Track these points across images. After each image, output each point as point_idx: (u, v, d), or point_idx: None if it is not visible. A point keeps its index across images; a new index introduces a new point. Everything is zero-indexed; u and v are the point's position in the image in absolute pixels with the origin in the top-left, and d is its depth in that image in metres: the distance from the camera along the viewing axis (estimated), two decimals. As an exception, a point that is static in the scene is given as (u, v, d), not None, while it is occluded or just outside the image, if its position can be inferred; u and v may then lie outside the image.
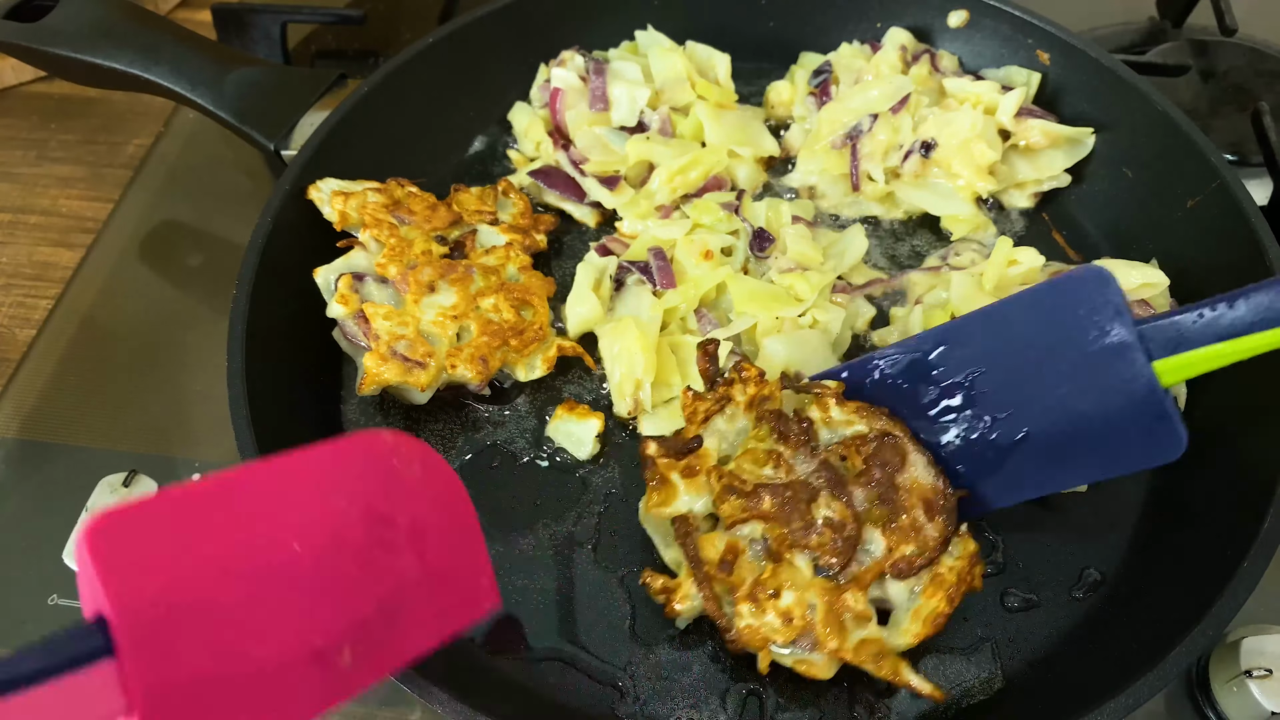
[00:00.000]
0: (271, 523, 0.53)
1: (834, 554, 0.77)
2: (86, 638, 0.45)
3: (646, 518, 0.85)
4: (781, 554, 0.77)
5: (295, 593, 0.52)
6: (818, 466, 0.81)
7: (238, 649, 0.49)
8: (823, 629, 0.75)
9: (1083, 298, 0.76)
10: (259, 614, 0.50)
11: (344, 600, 0.54)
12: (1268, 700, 0.79)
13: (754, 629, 0.75)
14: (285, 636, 0.51)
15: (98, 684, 0.45)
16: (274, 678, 0.51)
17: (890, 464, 0.80)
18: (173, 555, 0.48)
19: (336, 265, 0.98)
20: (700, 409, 0.86)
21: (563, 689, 0.82)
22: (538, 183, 1.14)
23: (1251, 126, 1.15)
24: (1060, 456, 0.80)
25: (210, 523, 0.51)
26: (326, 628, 0.53)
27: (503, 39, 1.19)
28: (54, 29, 1.11)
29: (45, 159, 1.36)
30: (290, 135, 1.08)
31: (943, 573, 0.78)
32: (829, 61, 1.20)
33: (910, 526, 0.78)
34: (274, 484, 0.55)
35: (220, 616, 0.49)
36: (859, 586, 0.76)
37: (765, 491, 0.79)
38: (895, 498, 0.79)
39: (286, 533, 0.53)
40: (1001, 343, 0.81)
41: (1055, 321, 0.78)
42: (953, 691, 0.82)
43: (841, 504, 0.78)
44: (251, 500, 0.53)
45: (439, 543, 0.62)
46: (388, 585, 0.57)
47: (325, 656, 0.53)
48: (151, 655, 0.46)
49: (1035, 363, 0.79)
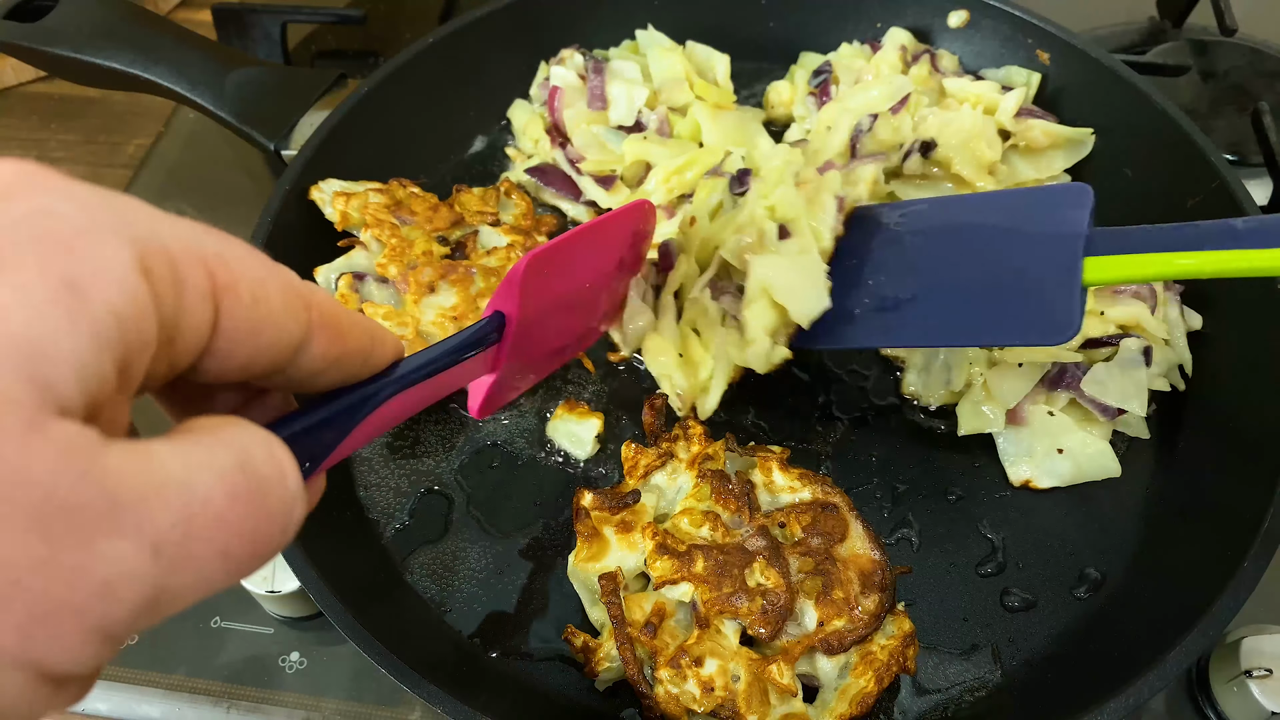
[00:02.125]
0: (589, 266, 0.83)
1: (764, 623, 0.74)
2: (491, 327, 0.67)
3: (574, 572, 0.82)
4: (710, 619, 0.75)
5: (576, 310, 0.83)
6: (756, 532, 0.79)
7: (542, 343, 0.78)
8: (744, 701, 0.71)
9: (1059, 200, 0.81)
10: (557, 323, 0.80)
11: (587, 315, 0.88)
12: (1268, 700, 0.79)
13: (673, 696, 0.73)
14: (560, 334, 0.83)
15: (488, 358, 0.68)
16: (544, 358, 0.83)
17: (830, 535, 0.78)
18: (546, 276, 0.72)
19: (337, 264, 0.98)
20: (641, 463, 0.85)
21: (563, 689, 0.82)
22: (534, 180, 1.14)
23: (1251, 126, 1.15)
24: (960, 313, 0.84)
25: (569, 263, 0.78)
26: (573, 331, 0.86)
27: (503, 39, 1.19)
28: (54, 29, 1.11)
29: (45, 159, 1.35)
30: (290, 135, 1.08)
31: (874, 651, 0.75)
32: (829, 61, 1.20)
33: (845, 600, 0.75)
34: (600, 235, 0.83)
35: (547, 322, 0.76)
36: (787, 659, 0.73)
37: (699, 553, 0.77)
38: (832, 570, 0.77)
39: (593, 275, 0.84)
40: (969, 221, 0.86)
41: (1026, 213, 0.83)
42: (953, 691, 0.82)
43: (776, 572, 0.75)
44: (587, 249, 0.81)
45: (626, 276, 0.94)
46: (603, 306, 0.91)
47: (565, 350, 0.87)
48: (517, 337, 0.69)
49: (989, 236, 0.84)
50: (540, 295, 0.72)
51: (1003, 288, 0.81)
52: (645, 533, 0.79)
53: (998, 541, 0.90)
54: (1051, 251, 0.79)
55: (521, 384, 0.83)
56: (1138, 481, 0.93)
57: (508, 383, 0.75)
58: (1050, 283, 0.78)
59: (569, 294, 0.80)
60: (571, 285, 0.80)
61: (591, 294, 0.86)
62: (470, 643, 0.84)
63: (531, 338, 0.73)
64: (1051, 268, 0.78)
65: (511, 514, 0.92)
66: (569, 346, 0.88)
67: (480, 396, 0.73)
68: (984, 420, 0.92)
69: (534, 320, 0.72)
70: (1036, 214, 0.82)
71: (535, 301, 0.71)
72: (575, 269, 0.80)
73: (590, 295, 0.86)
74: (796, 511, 0.80)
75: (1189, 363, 0.95)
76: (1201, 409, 0.94)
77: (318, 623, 0.90)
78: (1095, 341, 0.93)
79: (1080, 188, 0.81)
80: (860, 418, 0.98)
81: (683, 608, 0.78)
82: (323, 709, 0.86)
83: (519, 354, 0.72)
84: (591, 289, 0.86)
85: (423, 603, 0.86)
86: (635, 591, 0.79)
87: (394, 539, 0.90)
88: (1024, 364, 0.91)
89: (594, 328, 0.93)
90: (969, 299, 0.83)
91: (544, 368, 0.85)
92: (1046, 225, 0.80)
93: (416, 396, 0.54)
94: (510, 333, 0.68)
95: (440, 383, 0.58)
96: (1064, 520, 0.91)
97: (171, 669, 0.88)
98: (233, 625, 0.90)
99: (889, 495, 0.93)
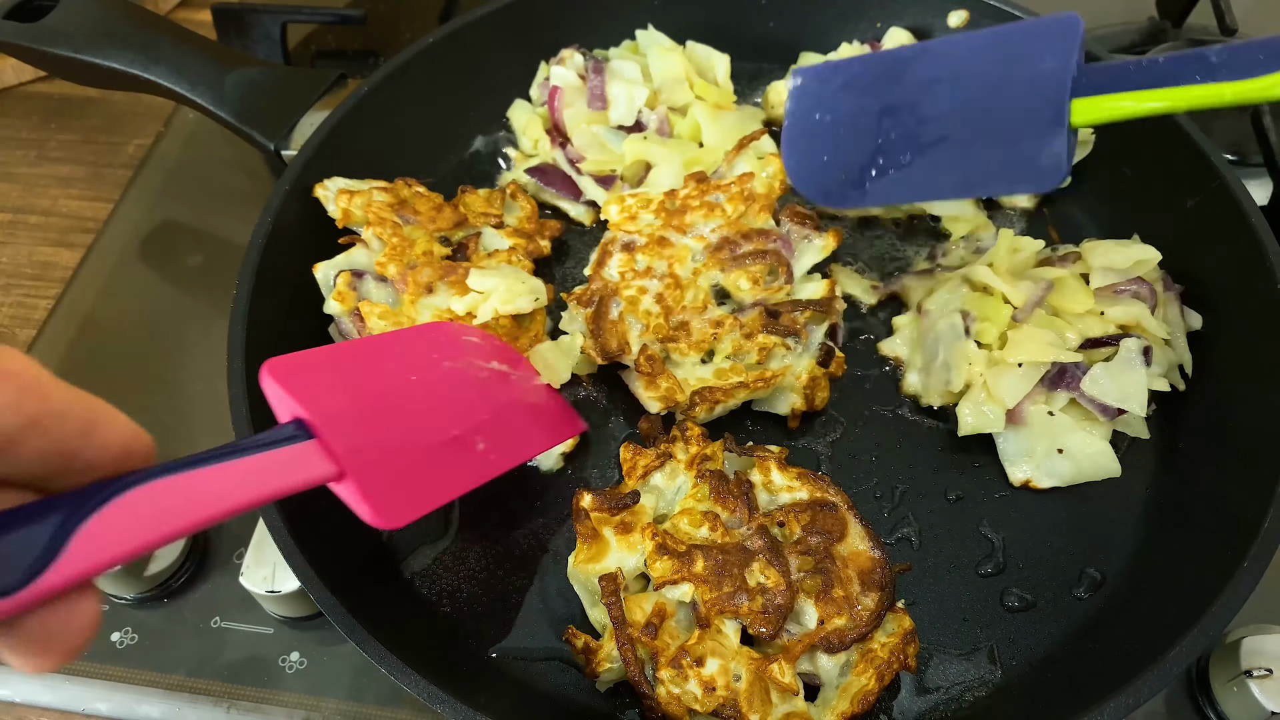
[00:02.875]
0: (391, 363, 0.75)
1: (764, 622, 0.74)
2: (287, 429, 0.59)
3: (574, 573, 0.82)
4: (710, 619, 0.75)
5: (425, 403, 0.74)
6: (755, 531, 0.79)
7: (399, 433, 0.69)
8: (746, 700, 0.72)
9: (1046, 33, 0.78)
10: (405, 414, 0.71)
11: (465, 407, 0.78)
12: (1268, 700, 0.79)
13: (674, 697, 0.73)
14: (429, 426, 0.72)
15: (307, 457, 0.59)
16: (433, 453, 0.72)
17: (829, 533, 0.78)
18: (332, 379, 0.67)
19: (337, 261, 0.98)
20: (640, 464, 0.85)
21: (563, 689, 0.82)
22: (534, 180, 1.14)
23: (1251, 126, 1.15)
24: (959, 165, 0.82)
25: (347, 363, 0.71)
26: (456, 423, 0.75)
27: (503, 39, 1.19)
28: (54, 29, 1.11)
29: (45, 159, 1.36)
30: (290, 135, 1.08)
31: (875, 649, 0.76)
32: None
33: (845, 598, 0.76)
34: (381, 344, 0.79)
35: (379, 413, 0.68)
36: (788, 658, 0.73)
37: (699, 553, 0.77)
38: (831, 568, 0.77)
39: (404, 369, 0.75)
40: (958, 65, 0.83)
41: (1013, 54, 0.80)
42: (953, 691, 0.82)
43: (776, 571, 0.76)
44: (369, 353, 0.76)
45: (521, 383, 0.86)
46: (495, 402, 0.81)
47: (465, 441, 0.75)
48: (339, 433, 0.61)
49: (978, 82, 0.81)
50: (340, 390, 0.66)
51: (996, 134, 0.80)
52: (645, 533, 0.79)
53: (998, 541, 0.90)
54: (1040, 92, 0.77)
55: (439, 488, 0.72)
56: (1138, 481, 0.92)
57: (400, 484, 0.67)
58: (1040, 125, 0.77)
59: (389, 384, 0.73)
60: (382, 376, 0.73)
61: (438, 385, 0.77)
62: (470, 643, 0.84)
63: (375, 430, 0.66)
64: (1040, 109, 0.77)
65: (512, 514, 0.92)
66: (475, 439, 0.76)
67: (361, 503, 0.63)
68: (984, 420, 0.91)
69: (356, 414, 0.64)
70: (1025, 52, 0.79)
71: (336, 397, 0.64)
72: (368, 364, 0.74)
73: (438, 386, 0.77)
74: (795, 510, 0.80)
75: (1189, 363, 0.95)
76: (1201, 409, 0.94)
77: (318, 623, 0.90)
78: (1095, 341, 0.93)
79: (1067, 20, 0.78)
80: (860, 418, 0.98)
81: (683, 608, 0.77)
82: (323, 709, 0.86)
83: (370, 448, 0.64)
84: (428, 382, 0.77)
85: (423, 602, 0.86)
86: (635, 592, 0.79)
87: (394, 539, 0.90)
88: (1024, 364, 0.91)
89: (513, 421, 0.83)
90: (965, 148, 0.82)
91: (456, 465, 0.74)
92: (1035, 65, 0.78)
93: (201, 497, 0.50)
94: (319, 427, 0.60)
95: (231, 483, 0.52)
96: (1064, 520, 0.91)
97: (171, 669, 0.88)
98: (233, 625, 0.90)
99: (889, 495, 0.93)
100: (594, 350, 0.95)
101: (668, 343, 0.93)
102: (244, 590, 0.87)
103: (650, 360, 0.92)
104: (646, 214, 1.03)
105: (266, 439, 0.57)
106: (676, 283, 0.97)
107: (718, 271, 0.98)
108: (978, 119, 0.81)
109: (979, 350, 0.94)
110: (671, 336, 0.94)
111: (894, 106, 0.85)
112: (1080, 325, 0.94)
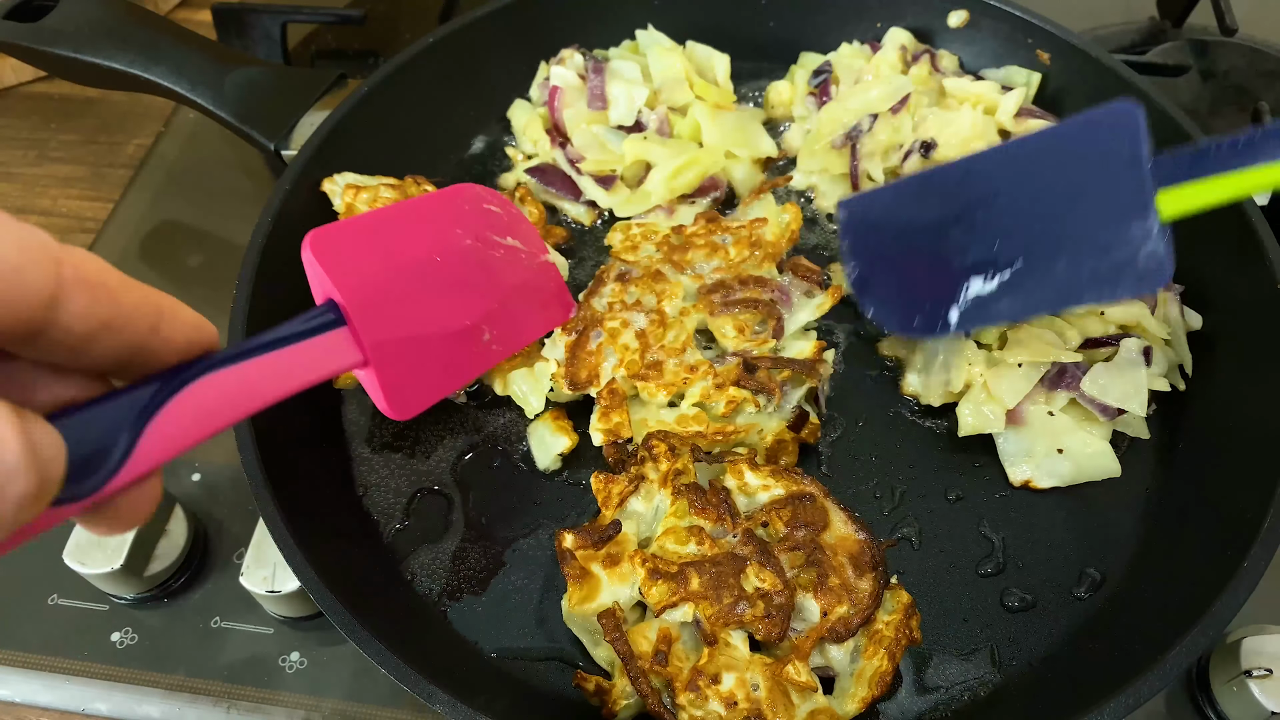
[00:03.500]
0: (419, 241, 0.75)
1: (770, 625, 0.74)
2: (323, 314, 0.61)
3: (570, 617, 0.80)
4: (716, 634, 0.74)
5: (445, 289, 0.75)
6: (741, 537, 0.78)
7: (420, 323, 0.71)
8: (769, 708, 0.71)
9: (1109, 131, 0.74)
10: (426, 302, 0.72)
11: (479, 294, 0.78)
12: (1268, 700, 0.79)
13: None
14: (446, 316, 0.74)
15: (340, 344, 0.62)
16: (445, 344, 0.74)
17: (813, 524, 0.78)
18: (364, 258, 0.68)
19: (337, 264, 0.98)
20: (614, 492, 0.83)
21: (563, 689, 0.82)
22: (534, 180, 1.14)
23: (1251, 127, 1.15)
24: (1047, 281, 0.78)
25: (382, 240, 0.72)
26: (470, 312, 0.77)
27: (503, 38, 1.19)
28: (54, 29, 1.11)
29: (45, 159, 1.36)
30: (290, 135, 1.08)
31: (880, 629, 0.76)
32: (829, 61, 1.20)
33: (842, 586, 0.76)
34: (413, 215, 0.78)
35: (404, 300, 0.69)
36: (800, 656, 0.73)
37: (692, 570, 0.76)
38: (822, 558, 0.77)
39: (431, 249, 0.75)
40: (1019, 175, 0.79)
41: (1077, 155, 0.76)
42: (952, 691, 0.82)
43: (771, 572, 0.75)
44: (401, 228, 0.75)
45: (528, 262, 0.86)
46: (503, 288, 0.81)
47: (474, 332, 0.77)
48: (369, 321, 0.64)
49: (1045, 191, 0.77)
50: (372, 275, 0.68)
51: (1079, 243, 0.75)
52: (634, 561, 0.78)
53: (998, 541, 0.90)
54: (1116, 194, 0.73)
55: (446, 379, 0.76)
56: (1138, 481, 0.93)
57: (415, 376, 0.71)
58: (1126, 228, 0.73)
59: (416, 267, 0.73)
60: (410, 258, 0.73)
61: (458, 268, 0.78)
62: (470, 643, 0.84)
63: (399, 320, 0.68)
64: (1122, 211, 0.73)
65: (512, 514, 0.92)
66: (482, 330, 0.78)
67: (380, 394, 0.68)
68: (984, 420, 0.92)
69: (384, 302, 0.67)
70: (1086, 153, 0.75)
71: (369, 281, 0.66)
72: (399, 243, 0.74)
73: (458, 270, 0.78)
74: (776, 508, 0.80)
75: (1189, 363, 0.95)
76: (1201, 409, 0.94)
77: (318, 623, 0.90)
78: (1095, 341, 0.93)
79: (1124, 110, 0.73)
80: (860, 418, 0.98)
81: (687, 628, 0.77)
82: (323, 709, 0.86)
83: (393, 340, 0.67)
84: (449, 264, 0.77)
85: (423, 603, 0.86)
86: (636, 623, 0.78)
87: (394, 539, 0.90)
88: (1024, 364, 0.91)
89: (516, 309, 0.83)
90: (1049, 261, 0.77)
91: (464, 357, 0.77)
92: (1102, 166, 0.74)
93: (250, 387, 0.52)
94: (352, 316, 0.63)
95: (276, 372, 0.55)
96: (1064, 520, 0.91)
97: (171, 669, 0.88)
98: (233, 625, 0.90)
99: (889, 495, 0.93)
100: (562, 380, 0.93)
101: (638, 380, 0.91)
102: (244, 590, 0.87)
103: (612, 394, 0.90)
104: (649, 245, 1.02)
105: (304, 327, 0.60)
106: (662, 320, 0.94)
107: (706, 314, 0.95)
108: (1053, 230, 0.77)
109: (979, 350, 0.94)
110: (643, 375, 0.91)
111: (951, 226, 0.81)
112: (1080, 325, 0.94)
